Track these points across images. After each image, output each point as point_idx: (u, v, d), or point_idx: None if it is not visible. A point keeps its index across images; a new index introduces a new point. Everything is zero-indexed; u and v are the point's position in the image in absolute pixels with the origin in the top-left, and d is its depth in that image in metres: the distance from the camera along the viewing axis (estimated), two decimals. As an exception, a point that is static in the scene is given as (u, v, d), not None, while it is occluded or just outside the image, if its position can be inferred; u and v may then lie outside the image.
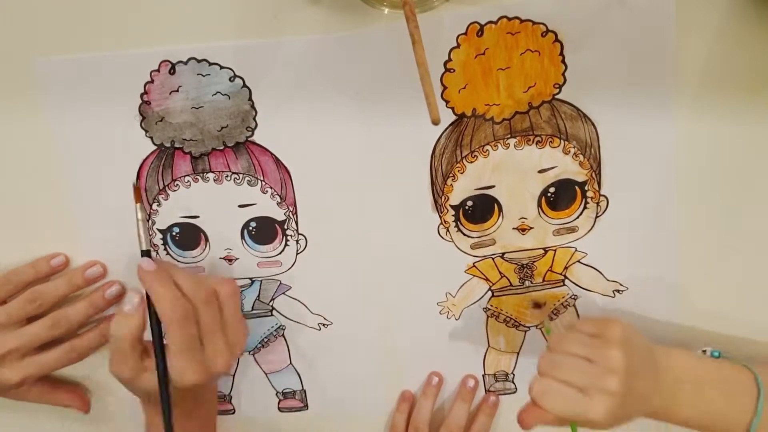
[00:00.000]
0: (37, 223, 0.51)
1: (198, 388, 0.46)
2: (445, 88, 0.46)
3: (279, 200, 0.50)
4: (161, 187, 0.50)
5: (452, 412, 0.56)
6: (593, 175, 0.49)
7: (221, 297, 0.47)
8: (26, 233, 0.52)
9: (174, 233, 0.52)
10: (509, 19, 0.44)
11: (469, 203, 0.50)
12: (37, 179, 0.50)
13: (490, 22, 0.44)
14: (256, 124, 0.48)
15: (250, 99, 0.47)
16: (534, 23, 0.44)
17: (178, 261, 0.52)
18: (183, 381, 0.45)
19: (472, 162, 0.49)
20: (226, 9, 0.44)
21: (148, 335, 0.47)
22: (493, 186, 0.49)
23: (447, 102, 0.47)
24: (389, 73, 0.46)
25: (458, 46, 0.45)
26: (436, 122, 0.36)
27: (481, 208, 0.50)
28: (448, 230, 0.51)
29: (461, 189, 0.49)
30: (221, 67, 0.46)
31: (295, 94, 0.47)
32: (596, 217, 0.50)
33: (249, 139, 0.48)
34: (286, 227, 0.51)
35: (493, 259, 0.52)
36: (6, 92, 0.47)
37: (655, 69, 0.45)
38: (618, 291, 0.53)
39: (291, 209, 0.51)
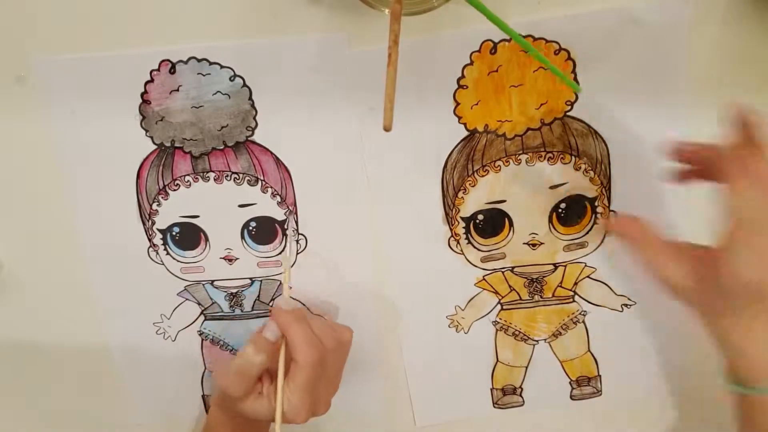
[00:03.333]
0: (36, 222, 0.52)
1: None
2: (457, 104, 0.47)
3: (279, 200, 0.50)
4: (161, 187, 0.50)
5: None
6: (603, 190, 0.49)
7: (344, 344, 0.49)
8: (26, 232, 0.52)
9: (174, 233, 0.52)
10: (523, 37, 0.45)
11: (480, 217, 0.50)
12: (36, 178, 0.50)
13: (504, 40, 0.45)
14: (257, 124, 0.48)
15: (250, 98, 0.47)
16: (547, 41, 0.45)
17: (179, 261, 0.53)
18: (295, 419, 0.45)
19: (483, 176, 0.49)
20: (227, 9, 0.45)
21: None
22: (504, 201, 0.50)
23: (459, 118, 0.47)
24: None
25: (471, 63, 0.46)
26: (387, 129, 0.36)
27: (491, 222, 0.51)
28: (458, 243, 0.51)
29: (472, 202, 0.50)
30: (221, 67, 0.46)
31: (295, 94, 0.47)
32: (606, 232, 0.51)
33: (249, 138, 0.49)
34: (286, 227, 0.51)
35: (503, 272, 0.52)
36: (5, 91, 0.47)
37: (667, 86, 0.46)
38: (626, 305, 0.53)
39: (291, 209, 0.51)
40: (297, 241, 0.52)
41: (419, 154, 0.49)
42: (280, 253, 0.52)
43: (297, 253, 0.52)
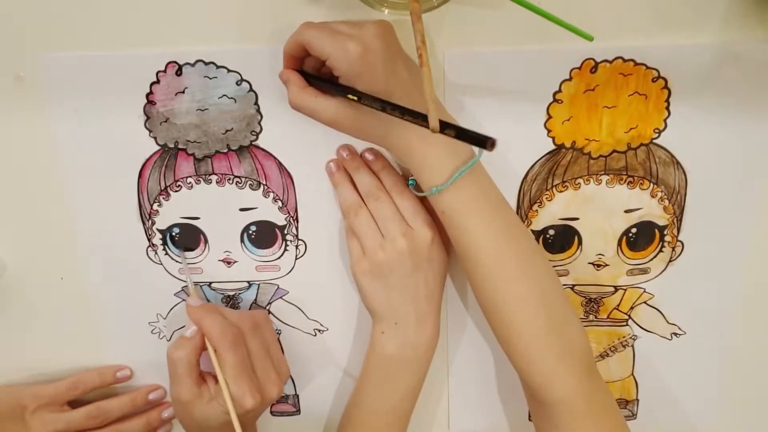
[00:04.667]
0: (38, 220, 0.51)
1: (247, 419, 0.47)
2: (549, 117, 0.47)
3: (280, 205, 0.50)
4: (163, 188, 0.50)
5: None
6: (675, 220, 0.50)
7: (260, 324, 0.49)
8: (27, 230, 0.51)
9: (173, 233, 0.51)
10: (624, 60, 0.45)
11: (551, 232, 0.51)
12: (38, 176, 0.50)
13: (606, 60, 0.45)
14: (261, 129, 0.48)
15: (256, 103, 0.47)
16: (647, 68, 0.45)
17: (177, 262, 0.53)
18: (245, 404, 0.45)
19: (561, 192, 0.49)
20: (234, 12, 0.45)
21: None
22: (578, 218, 0.50)
23: (549, 131, 0.48)
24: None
25: (570, 78, 0.46)
26: (435, 130, 0.35)
27: (561, 239, 0.51)
28: (524, 255, 0.52)
29: (546, 216, 0.50)
30: (228, 71, 0.46)
31: None
32: (669, 261, 0.51)
33: (253, 143, 0.48)
34: (286, 232, 0.51)
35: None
36: (11, 86, 0.47)
37: (757, 129, 0.47)
38: (676, 334, 0.54)
39: (292, 214, 0.51)
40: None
41: (501, 161, 0.48)
42: (279, 257, 0.52)
43: (296, 258, 0.52)
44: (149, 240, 0.52)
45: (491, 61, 0.46)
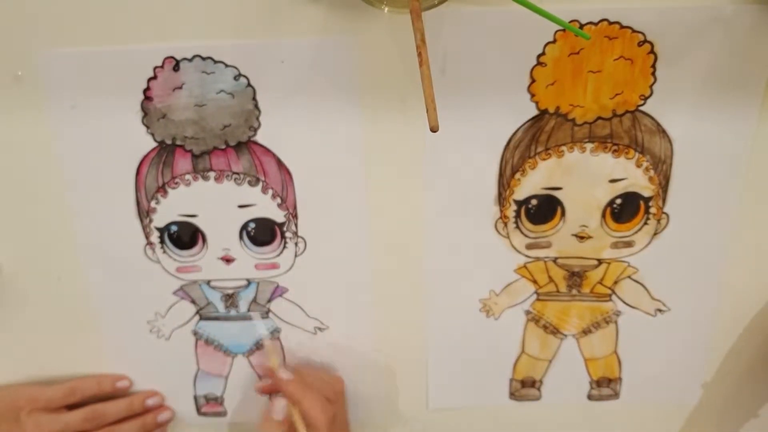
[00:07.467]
0: (34, 218, 0.50)
1: None
2: (533, 81, 0.46)
3: (279, 202, 0.49)
4: (160, 185, 0.49)
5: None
6: (660, 191, 0.49)
7: (341, 392, 0.53)
8: (23, 228, 0.50)
9: (172, 231, 0.50)
10: (610, 23, 0.44)
11: (534, 202, 0.49)
12: (35, 173, 0.48)
13: (591, 22, 0.44)
14: (260, 124, 0.47)
15: (254, 98, 0.46)
16: (633, 31, 0.44)
17: (175, 259, 0.51)
18: None
19: (545, 160, 0.48)
20: (232, 7, 0.44)
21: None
22: (561, 188, 0.49)
23: (532, 95, 0.46)
24: (393, 73, 0.45)
25: (554, 41, 0.45)
26: (434, 130, 0.35)
27: (544, 209, 0.49)
28: (506, 226, 0.50)
29: (528, 185, 0.49)
30: (226, 66, 0.45)
31: (299, 95, 0.46)
32: (654, 233, 0.50)
33: (251, 138, 0.47)
34: (285, 229, 0.50)
35: (545, 262, 0.51)
36: (7, 83, 0.45)
37: (744, 97, 0.46)
38: (660, 311, 0.53)
39: (291, 211, 0.50)
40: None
41: (484, 127, 0.47)
42: (278, 255, 0.51)
43: (296, 256, 0.51)
44: (147, 238, 0.50)
45: (474, 20, 0.44)
